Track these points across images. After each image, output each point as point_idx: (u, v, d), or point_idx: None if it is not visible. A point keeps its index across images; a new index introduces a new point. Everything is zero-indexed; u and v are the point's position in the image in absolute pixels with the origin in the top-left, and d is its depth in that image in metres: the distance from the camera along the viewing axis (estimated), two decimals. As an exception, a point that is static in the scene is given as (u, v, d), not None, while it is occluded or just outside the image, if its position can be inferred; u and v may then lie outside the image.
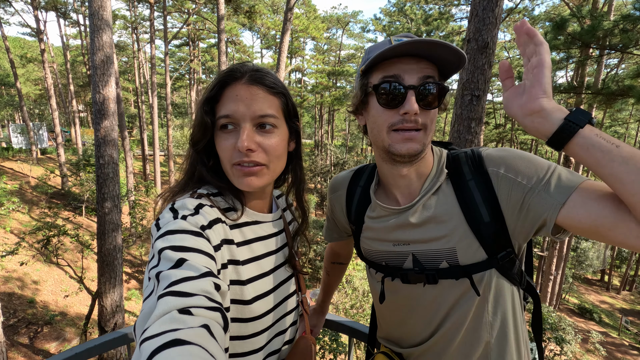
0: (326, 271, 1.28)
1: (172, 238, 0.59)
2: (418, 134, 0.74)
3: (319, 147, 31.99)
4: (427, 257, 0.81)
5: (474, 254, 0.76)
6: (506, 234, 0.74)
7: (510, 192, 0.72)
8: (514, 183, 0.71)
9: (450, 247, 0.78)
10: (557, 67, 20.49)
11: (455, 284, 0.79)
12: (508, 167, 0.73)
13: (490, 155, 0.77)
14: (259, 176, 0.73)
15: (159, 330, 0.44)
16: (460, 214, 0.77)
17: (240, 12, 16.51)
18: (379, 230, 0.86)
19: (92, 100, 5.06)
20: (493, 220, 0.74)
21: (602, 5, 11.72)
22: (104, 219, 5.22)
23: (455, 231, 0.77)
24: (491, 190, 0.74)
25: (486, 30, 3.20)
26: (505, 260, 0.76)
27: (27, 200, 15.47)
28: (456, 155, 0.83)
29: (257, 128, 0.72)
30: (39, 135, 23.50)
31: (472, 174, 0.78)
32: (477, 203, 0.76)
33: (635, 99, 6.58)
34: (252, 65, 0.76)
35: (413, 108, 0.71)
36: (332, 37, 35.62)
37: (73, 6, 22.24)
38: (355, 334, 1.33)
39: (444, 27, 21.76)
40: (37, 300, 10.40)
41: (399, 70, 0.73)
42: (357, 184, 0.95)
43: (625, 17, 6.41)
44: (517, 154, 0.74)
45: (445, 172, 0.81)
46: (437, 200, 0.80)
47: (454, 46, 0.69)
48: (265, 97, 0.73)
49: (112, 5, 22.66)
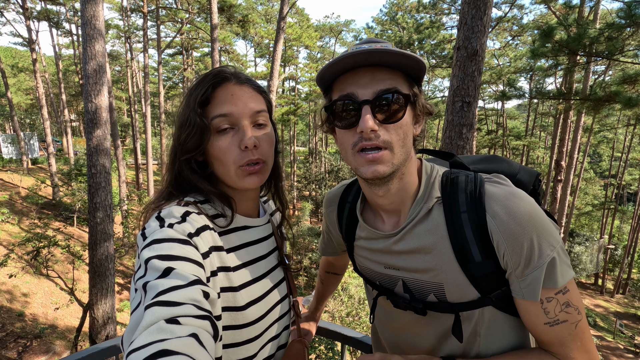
0: (320, 280, 1.26)
1: (159, 247, 0.58)
2: (383, 154, 0.65)
3: (313, 155, 32.04)
4: (415, 286, 0.76)
5: (464, 292, 0.71)
6: (501, 274, 0.68)
7: (499, 251, 0.67)
8: (504, 252, 0.66)
9: (437, 281, 0.72)
10: (545, 74, 20.91)
11: (444, 316, 0.74)
12: (505, 231, 0.65)
13: (493, 199, 0.67)
14: (261, 173, 0.76)
15: (146, 341, 0.43)
16: (449, 248, 0.70)
17: (234, 21, 16.63)
18: (369, 251, 0.82)
19: (85, 109, 5.03)
20: (485, 261, 0.67)
21: (588, 14, 12.03)
22: (96, 229, 5.15)
23: (443, 267, 0.70)
24: (485, 231, 0.67)
25: (475, 38, 3.26)
26: (501, 298, 0.70)
27: (16, 211, 15.21)
28: (456, 177, 0.73)
29: (254, 126, 0.75)
30: (30, 145, 23.25)
31: (468, 205, 0.69)
32: (467, 240, 0.68)
33: (621, 104, 6.72)
34: (234, 68, 0.79)
35: (367, 125, 0.63)
36: (325, 45, 35.98)
37: (66, 16, 22.23)
38: (348, 340, 1.31)
39: (435, 36, 22.09)
40: (27, 313, 10.17)
41: (352, 85, 0.66)
42: (346, 200, 0.90)
43: (610, 25, 6.57)
44: (520, 219, 0.64)
45: (434, 196, 0.72)
46: (425, 229, 0.72)
47: (394, 50, 0.61)
48: (255, 95, 0.76)
49: (105, 15, 22.66)
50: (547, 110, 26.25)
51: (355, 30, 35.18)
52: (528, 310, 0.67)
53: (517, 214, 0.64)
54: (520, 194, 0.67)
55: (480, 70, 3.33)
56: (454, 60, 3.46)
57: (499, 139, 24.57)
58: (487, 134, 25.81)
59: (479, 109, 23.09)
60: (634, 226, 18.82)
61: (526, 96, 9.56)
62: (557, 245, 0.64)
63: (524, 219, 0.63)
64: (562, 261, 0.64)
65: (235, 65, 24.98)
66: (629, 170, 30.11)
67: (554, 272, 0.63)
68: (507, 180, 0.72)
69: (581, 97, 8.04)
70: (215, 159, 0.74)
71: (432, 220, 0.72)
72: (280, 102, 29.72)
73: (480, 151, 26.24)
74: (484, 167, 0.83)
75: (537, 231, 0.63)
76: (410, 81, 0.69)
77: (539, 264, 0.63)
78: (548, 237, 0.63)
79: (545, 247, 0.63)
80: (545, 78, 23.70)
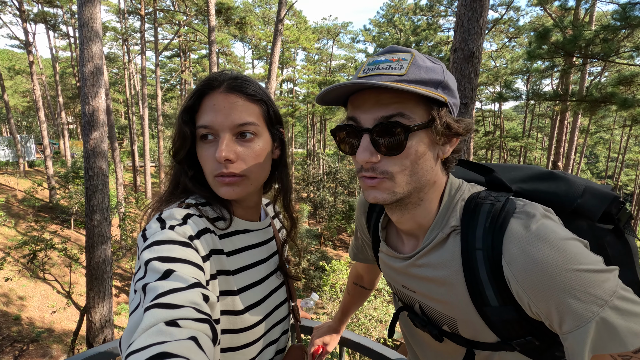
0: (347, 291, 1.19)
1: (159, 249, 0.58)
2: (381, 182, 0.60)
3: (311, 157, 32.03)
4: (430, 312, 0.71)
5: (478, 332, 0.63)
6: (526, 322, 0.59)
7: (521, 301, 0.56)
8: (528, 302, 0.55)
9: (450, 315, 0.65)
10: (542, 75, 21.02)
11: (460, 348, 0.68)
12: (524, 282, 0.53)
13: (513, 240, 0.55)
14: (239, 186, 0.72)
15: (145, 343, 0.43)
16: (463, 285, 0.61)
17: (231, 23, 16.64)
18: (389, 268, 0.78)
19: (82, 111, 5.01)
20: (502, 306, 0.58)
21: (584, 16, 12.11)
22: (93, 231, 5.12)
23: (457, 304, 0.63)
24: (501, 276, 0.57)
25: (472, 40, 3.28)
26: (527, 347, 0.61)
27: (13, 214, 15.13)
28: (480, 205, 0.62)
29: (238, 137, 0.71)
30: (26, 147, 23.13)
31: (484, 242, 0.58)
32: (482, 281, 0.59)
33: (617, 105, 6.76)
34: (232, 73, 0.74)
35: (362, 157, 0.58)
36: (322, 47, 36.03)
37: (63, 18, 22.17)
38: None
39: (432, 38, 22.19)
40: (23, 316, 10.09)
41: (357, 110, 0.60)
42: (374, 209, 0.84)
43: (605, 27, 6.62)
44: (541, 270, 0.52)
45: (451, 223, 0.63)
46: (438, 259, 0.64)
47: (386, 85, 0.54)
48: (245, 105, 0.71)
49: (103, 17, 22.56)
50: (544, 112, 26.39)
51: (353, 32, 35.26)
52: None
53: (539, 260, 0.52)
54: (549, 234, 0.53)
55: (477, 72, 3.35)
56: (450, 62, 3.48)
57: (496, 140, 24.65)
58: (485, 135, 25.90)
59: (476, 111, 23.16)
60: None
61: (523, 97, 9.61)
62: (609, 298, 0.50)
63: (549, 265, 0.51)
64: (625, 318, 0.50)
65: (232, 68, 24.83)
66: (626, 170, 30.26)
67: (610, 332, 0.49)
68: (540, 212, 0.57)
69: (577, 98, 8.09)
70: (202, 166, 0.74)
71: (447, 251, 0.64)
72: (278, 104, 29.65)
73: (477, 152, 26.31)
74: (532, 188, 0.68)
75: (572, 280, 0.50)
76: (427, 102, 0.58)
77: (581, 322, 0.50)
78: (591, 287, 0.50)
79: (588, 301, 0.49)
80: (541, 79, 23.84)
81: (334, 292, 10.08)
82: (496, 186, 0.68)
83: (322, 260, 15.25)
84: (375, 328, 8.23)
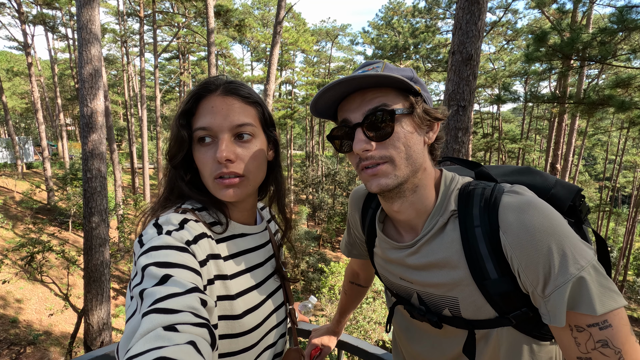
0: (344, 291, 1.21)
1: (156, 254, 0.58)
2: (382, 168, 0.66)
3: (310, 158, 32.03)
4: (430, 300, 0.74)
5: (479, 310, 0.67)
6: (521, 293, 0.64)
7: (513, 268, 0.62)
8: (518, 268, 0.61)
9: (452, 296, 0.69)
10: (540, 77, 21.10)
11: (460, 332, 0.72)
12: (517, 245, 0.60)
13: (506, 210, 0.62)
14: (239, 187, 0.72)
15: (143, 348, 0.43)
16: (464, 264, 0.67)
17: (230, 25, 16.67)
18: (385, 260, 0.82)
19: (80, 113, 5.01)
20: (501, 278, 0.63)
21: (581, 19, 12.17)
22: (91, 233, 5.11)
23: (459, 283, 0.68)
24: (499, 246, 0.63)
25: (470, 42, 3.29)
26: (524, 320, 0.66)
27: (11, 215, 15.07)
28: (474, 189, 0.70)
29: (235, 138, 0.72)
30: (24, 149, 23.09)
31: (481, 219, 0.65)
32: (482, 256, 0.64)
33: (615, 107, 6.79)
34: (226, 77, 0.77)
35: (358, 147, 0.65)
36: (321, 49, 36.10)
37: (62, 20, 22.17)
38: None
39: (430, 40, 22.24)
40: (20, 319, 10.03)
41: (346, 112, 0.69)
42: (370, 205, 0.89)
43: (602, 30, 6.66)
44: (533, 230, 0.58)
45: (450, 209, 0.70)
46: (439, 243, 0.70)
47: (360, 76, 0.62)
48: (242, 107, 0.73)
49: (102, 19, 22.57)
50: (542, 114, 26.46)
51: (352, 34, 35.36)
52: (560, 338, 0.60)
53: (529, 226, 0.59)
54: (538, 204, 0.61)
55: (475, 75, 3.36)
56: (449, 64, 3.49)
57: (494, 142, 24.70)
58: (483, 137, 25.95)
59: (474, 113, 23.24)
60: (629, 228, 18.94)
61: (521, 100, 9.63)
62: (586, 264, 0.56)
63: (538, 231, 0.58)
64: (598, 284, 0.55)
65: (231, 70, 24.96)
66: (623, 172, 30.37)
67: (584, 294, 0.55)
68: (528, 191, 0.66)
69: (575, 100, 8.12)
70: (199, 169, 0.74)
71: (447, 235, 0.69)
72: (277, 105, 29.73)
73: (476, 154, 26.36)
74: (514, 180, 0.77)
75: (557, 244, 0.57)
76: (404, 93, 0.68)
77: (561, 282, 0.56)
78: (572, 253, 0.56)
79: (569, 263, 0.56)
80: (539, 82, 23.94)
81: (332, 294, 10.06)
82: (484, 177, 0.77)
83: (321, 262, 15.21)
84: (374, 330, 8.21)
